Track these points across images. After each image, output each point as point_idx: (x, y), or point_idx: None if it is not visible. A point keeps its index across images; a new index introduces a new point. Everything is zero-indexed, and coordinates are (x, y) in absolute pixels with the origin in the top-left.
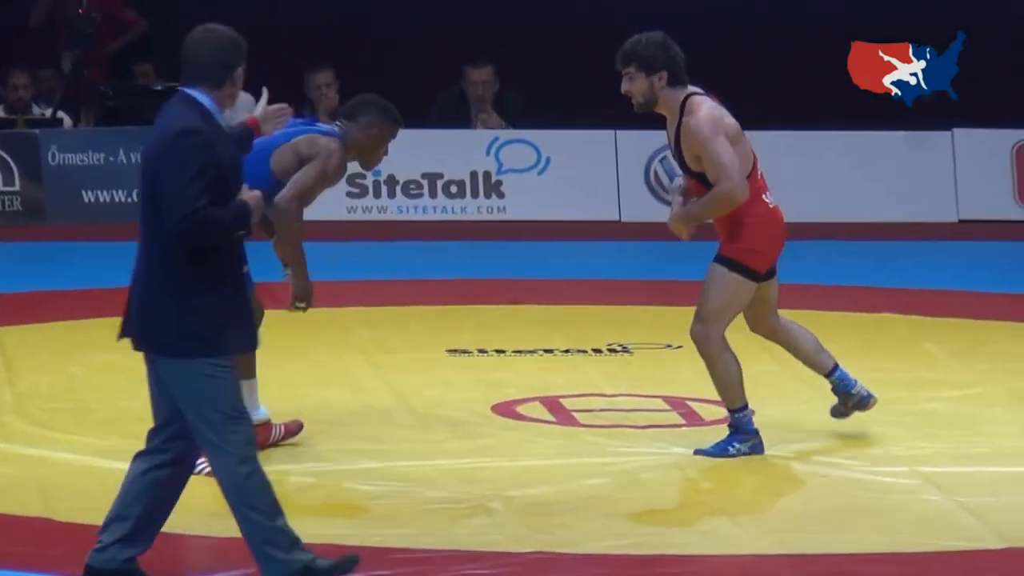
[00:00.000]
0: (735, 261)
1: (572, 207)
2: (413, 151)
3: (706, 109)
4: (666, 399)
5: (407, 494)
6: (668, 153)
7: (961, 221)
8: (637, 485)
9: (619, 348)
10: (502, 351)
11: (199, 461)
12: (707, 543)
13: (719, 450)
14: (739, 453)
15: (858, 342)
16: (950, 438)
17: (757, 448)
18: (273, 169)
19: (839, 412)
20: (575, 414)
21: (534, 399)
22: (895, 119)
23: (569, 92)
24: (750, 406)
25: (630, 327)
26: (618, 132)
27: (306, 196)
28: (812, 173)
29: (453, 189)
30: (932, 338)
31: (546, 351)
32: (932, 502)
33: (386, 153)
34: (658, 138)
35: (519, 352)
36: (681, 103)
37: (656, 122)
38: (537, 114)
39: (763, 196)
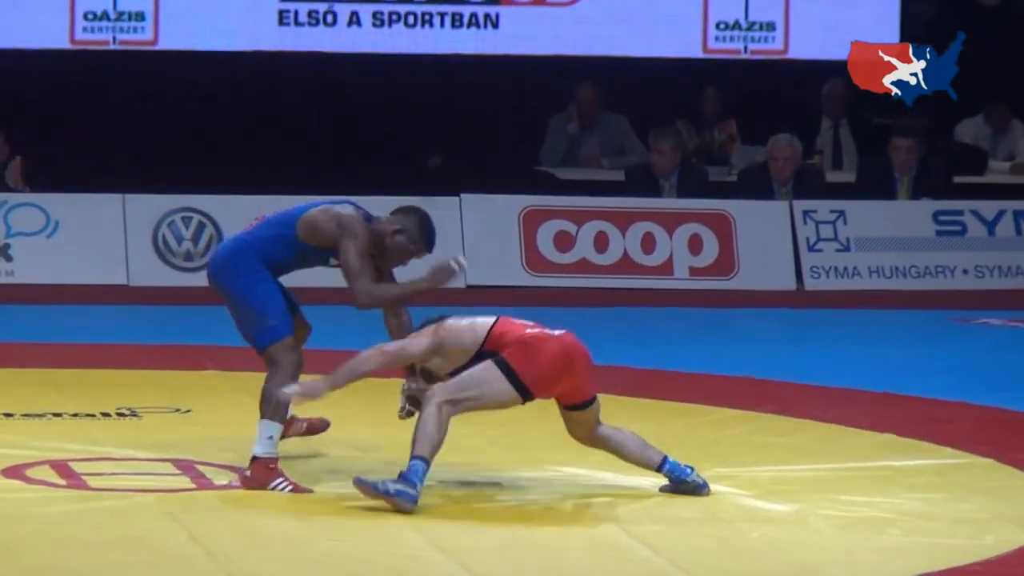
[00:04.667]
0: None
1: (80, 271)
2: None
3: None
4: (175, 463)
5: None
6: (176, 217)
7: (469, 287)
8: (148, 550)
9: (127, 412)
10: (10, 414)
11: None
12: None
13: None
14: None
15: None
16: (456, 502)
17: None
18: (298, 234)
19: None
20: (85, 477)
21: (43, 462)
22: (403, 183)
23: (77, 155)
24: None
25: (138, 390)
26: (126, 196)
27: (363, 275)
28: None
29: None
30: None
31: (55, 415)
32: (437, 567)
33: (403, 264)
34: (167, 202)
35: (27, 416)
36: None
37: (163, 187)
38: (45, 178)
39: None
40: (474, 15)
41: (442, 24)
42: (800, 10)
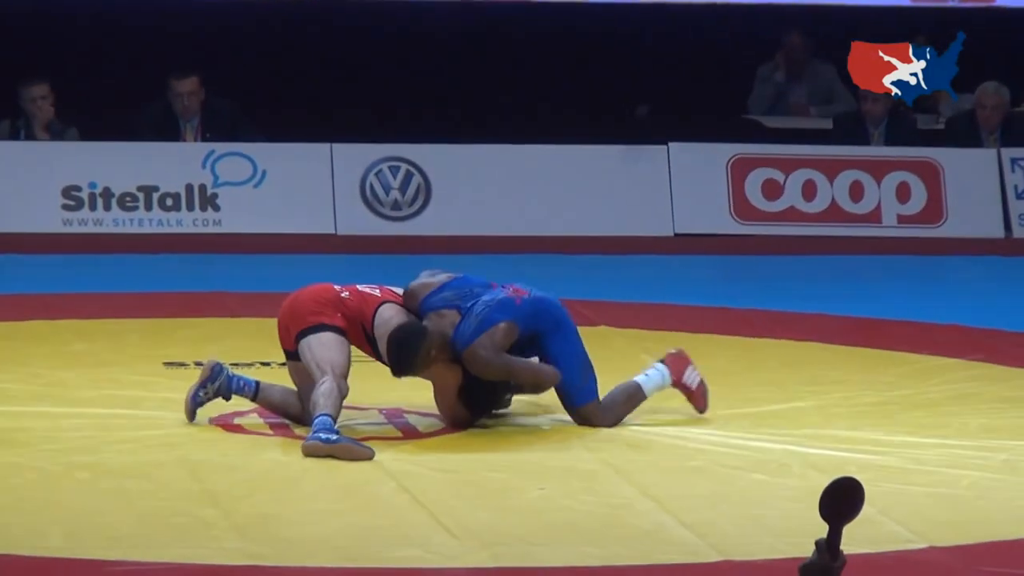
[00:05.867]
0: None
1: (288, 220)
2: (128, 163)
3: None
4: (382, 411)
5: (125, 506)
6: (384, 166)
7: (677, 235)
8: (356, 498)
9: None
10: None
11: None
12: (425, 557)
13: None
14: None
15: None
16: (666, 452)
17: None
18: None
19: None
20: (293, 427)
21: (252, 411)
22: (611, 132)
23: (284, 104)
24: None
25: None
26: (334, 145)
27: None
28: (528, 186)
29: (169, 202)
30: (650, 351)
31: (263, 364)
32: (647, 515)
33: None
34: (374, 151)
35: (236, 365)
36: None
37: (371, 136)
38: (249, 126)
39: None
40: None
41: None
42: None
